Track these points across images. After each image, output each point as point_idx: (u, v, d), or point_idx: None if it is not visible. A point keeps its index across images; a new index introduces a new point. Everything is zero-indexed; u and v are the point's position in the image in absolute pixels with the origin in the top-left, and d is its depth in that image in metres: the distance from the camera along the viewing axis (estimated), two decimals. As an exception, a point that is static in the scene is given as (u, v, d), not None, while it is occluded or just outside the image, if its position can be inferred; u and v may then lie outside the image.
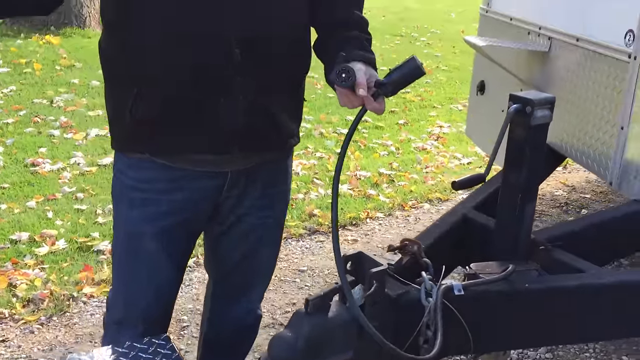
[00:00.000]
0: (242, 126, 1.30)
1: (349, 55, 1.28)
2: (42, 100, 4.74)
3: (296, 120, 1.45)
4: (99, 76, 5.50)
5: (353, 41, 1.34)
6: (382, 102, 1.25)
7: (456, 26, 9.77)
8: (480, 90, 2.95)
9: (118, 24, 1.28)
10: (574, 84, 2.14)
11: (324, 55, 1.39)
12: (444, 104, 5.57)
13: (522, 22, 2.52)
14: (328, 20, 1.40)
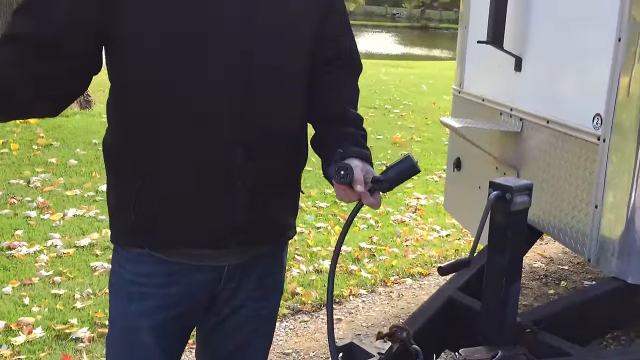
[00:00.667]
0: (242, 222, 1.32)
1: (346, 152, 1.34)
2: (19, 181, 4.71)
3: (293, 214, 1.48)
4: (76, 155, 5.52)
5: (349, 138, 1.40)
6: (378, 197, 1.31)
7: (428, 98, 10.09)
8: (456, 167, 3.03)
9: (122, 125, 1.32)
10: (548, 164, 2.22)
11: (321, 150, 1.44)
12: (420, 176, 5.67)
13: (493, 103, 2.63)
14: (325, 117, 1.45)
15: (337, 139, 1.40)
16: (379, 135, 7.18)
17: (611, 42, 1.83)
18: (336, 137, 1.40)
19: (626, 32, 1.78)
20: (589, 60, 2.01)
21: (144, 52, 1.24)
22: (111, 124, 1.35)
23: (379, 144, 6.78)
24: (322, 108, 1.45)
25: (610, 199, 1.90)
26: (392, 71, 14.83)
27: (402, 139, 7.04)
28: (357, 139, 1.41)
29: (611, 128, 1.86)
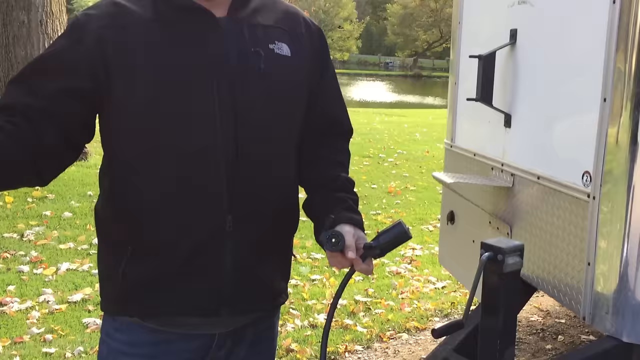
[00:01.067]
0: (232, 289, 1.32)
1: (338, 218, 1.34)
2: (13, 235, 4.69)
3: (285, 278, 1.48)
4: (71, 207, 5.52)
5: (341, 203, 1.41)
6: (370, 263, 1.31)
7: (421, 146, 10.18)
8: (450, 220, 3.04)
9: (114, 192, 1.33)
10: (540, 219, 2.23)
11: (312, 215, 1.44)
12: (415, 225, 5.68)
13: (485, 157, 2.66)
14: (316, 182, 1.46)
15: (328, 204, 1.41)
16: (373, 185, 7.21)
17: (597, 102, 1.87)
18: (327, 202, 1.41)
19: (611, 93, 1.82)
20: (576, 118, 2.05)
21: (135, 116, 1.25)
22: (103, 189, 1.36)
23: (373, 193, 6.81)
24: (313, 173, 1.47)
25: (602, 256, 1.91)
26: (386, 119, 15.02)
27: (397, 188, 7.07)
28: (349, 204, 1.42)
29: (600, 186, 1.88)
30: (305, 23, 1.45)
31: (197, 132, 1.26)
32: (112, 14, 1.26)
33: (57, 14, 7.36)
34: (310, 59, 1.41)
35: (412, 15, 60.63)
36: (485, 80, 2.41)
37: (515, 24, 2.38)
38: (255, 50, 1.30)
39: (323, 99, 1.47)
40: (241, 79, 1.28)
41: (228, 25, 1.30)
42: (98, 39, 1.23)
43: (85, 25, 1.25)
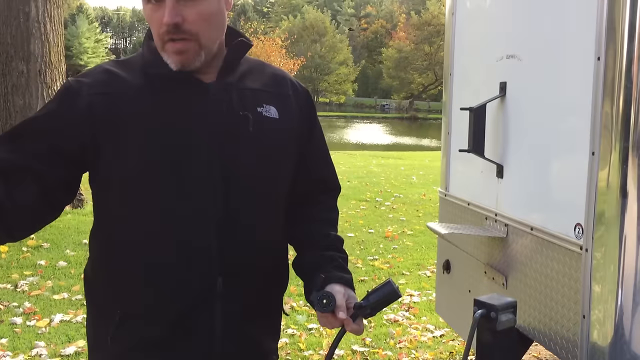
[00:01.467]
0: (221, 351, 1.31)
1: (328, 277, 1.36)
2: (7, 285, 4.66)
3: (275, 338, 1.47)
4: (65, 256, 5.49)
5: (331, 262, 1.42)
6: (361, 323, 1.32)
7: (418, 189, 10.21)
8: (446, 269, 3.03)
9: (103, 256, 1.33)
10: (534, 270, 2.23)
11: (302, 273, 1.45)
12: (412, 271, 5.65)
13: (478, 207, 2.67)
14: (306, 241, 1.48)
15: (318, 262, 1.42)
16: (370, 229, 7.20)
17: (585, 155, 1.89)
18: (317, 261, 1.43)
19: (599, 146, 1.84)
20: (565, 171, 2.07)
21: (125, 181, 1.27)
22: (93, 252, 1.37)
23: (370, 238, 6.79)
24: (302, 232, 1.49)
25: (597, 308, 1.90)
26: (382, 162, 15.10)
27: (394, 233, 7.06)
28: (339, 263, 1.43)
29: (592, 238, 1.88)
30: (293, 85, 1.48)
31: (186, 195, 1.27)
32: (104, 81, 1.29)
33: (55, 63, 7.48)
34: (297, 120, 1.45)
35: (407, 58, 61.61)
36: (476, 132, 2.44)
37: (505, 77, 2.43)
38: (244, 114, 1.33)
39: (311, 158, 1.51)
40: (230, 141, 1.31)
41: (217, 90, 1.32)
42: (88, 105, 1.25)
43: (76, 91, 1.27)
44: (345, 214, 7.97)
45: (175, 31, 1.24)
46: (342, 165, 13.95)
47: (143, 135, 1.26)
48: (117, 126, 1.26)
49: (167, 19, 1.22)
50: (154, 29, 1.27)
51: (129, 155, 1.26)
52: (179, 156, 1.27)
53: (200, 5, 1.25)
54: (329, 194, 1.58)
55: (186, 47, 1.26)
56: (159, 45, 1.28)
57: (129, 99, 1.28)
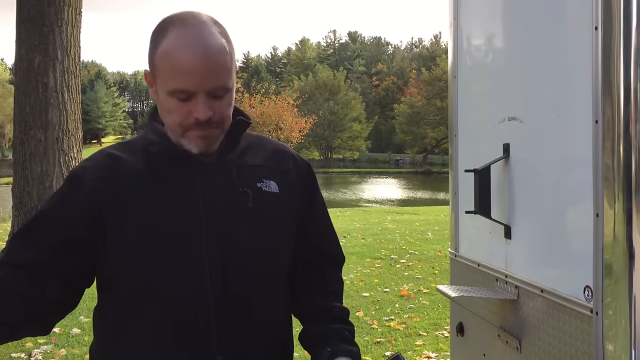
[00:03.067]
0: None
1: (335, 350, 1.37)
2: (21, 354, 4.65)
3: None
4: (79, 323, 5.48)
5: (337, 334, 1.43)
6: None
7: (434, 246, 10.12)
8: (459, 332, 2.98)
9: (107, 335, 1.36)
10: (547, 333, 2.19)
11: (308, 346, 1.46)
12: (430, 331, 5.55)
13: (489, 268, 2.65)
14: (311, 314, 1.49)
15: (324, 335, 1.43)
16: (385, 288, 7.12)
17: (590, 217, 1.89)
18: (323, 334, 1.43)
19: (602, 209, 1.84)
20: (571, 233, 2.06)
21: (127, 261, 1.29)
22: (97, 332, 1.38)
23: (386, 298, 6.71)
24: (307, 305, 1.50)
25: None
26: (397, 218, 15.05)
27: (410, 291, 6.97)
28: (345, 335, 1.44)
29: (602, 301, 1.86)
30: (294, 159, 1.52)
31: (185, 275, 1.29)
32: (107, 166, 1.33)
33: (73, 131, 7.67)
34: (298, 194, 1.47)
35: (419, 113, 62.29)
36: (482, 193, 2.45)
37: (508, 139, 2.45)
38: (244, 190, 1.36)
39: (314, 231, 1.52)
40: (229, 218, 1.33)
41: (217, 169, 1.36)
42: (93, 189, 1.29)
43: (81, 177, 1.32)
44: (360, 273, 7.91)
45: (206, 123, 1.28)
46: (356, 222, 13.93)
47: (144, 217, 1.29)
48: (120, 208, 1.29)
49: (202, 116, 1.26)
50: (176, 119, 1.29)
51: (130, 237, 1.28)
52: (177, 237, 1.30)
53: (225, 98, 1.31)
54: (334, 266, 1.59)
55: (212, 134, 1.31)
56: (178, 132, 1.31)
57: (131, 181, 1.31)
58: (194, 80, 1.24)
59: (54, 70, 7.47)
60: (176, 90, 1.26)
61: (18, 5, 7.47)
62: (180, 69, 1.24)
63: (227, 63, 1.29)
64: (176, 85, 1.25)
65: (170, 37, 1.26)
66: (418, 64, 78.40)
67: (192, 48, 1.24)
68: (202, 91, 1.25)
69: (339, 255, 1.60)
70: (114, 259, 1.30)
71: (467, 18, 2.94)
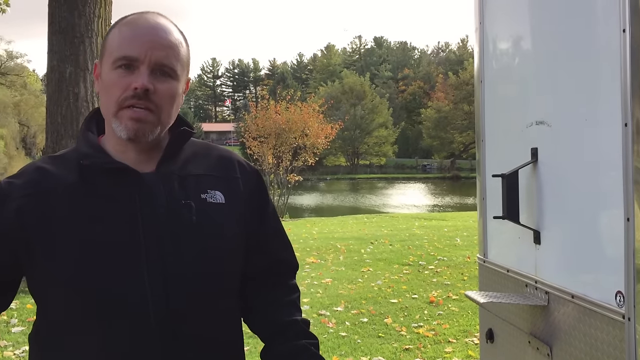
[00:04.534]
0: None
1: None
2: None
3: None
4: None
5: (303, 351, 1.39)
6: None
7: (462, 252, 10.02)
8: (489, 339, 2.96)
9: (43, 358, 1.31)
10: (578, 339, 2.16)
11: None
12: (459, 338, 5.49)
13: (518, 274, 2.62)
14: (272, 329, 1.43)
15: (290, 354, 1.38)
16: (414, 295, 7.08)
17: (620, 221, 1.86)
18: (289, 352, 1.39)
19: (633, 212, 1.81)
20: (602, 237, 2.03)
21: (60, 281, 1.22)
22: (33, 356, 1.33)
23: (414, 304, 6.67)
24: (267, 320, 1.44)
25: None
26: (425, 224, 14.95)
27: (438, 298, 6.91)
28: (312, 352, 1.39)
29: (634, 307, 1.83)
30: (240, 166, 1.45)
31: (123, 296, 1.22)
32: (35, 181, 1.26)
33: (103, 140, 7.82)
34: (246, 202, 1.40)
35: (446, 118, 61.85)
36: (509, 198, 2.43)
37: (535, 143, 2.43)
38: (186, 202, 1.29)
39: (265, 240, 1.46)
40: (171, 234, 1.27)
41: (156, 181, 1.29)
42: (17, 209, 1.23)
43: (7, 194, 1.25)
44: (388, 279, 7.88)
45: (143, 97, 1.23)
46: (384, 228, 13.88)
47: (74, 234, 1.22)
48: (47, 226, 1.22)
49: (141, 83, 1.22)
50: (114, 93, 1.25)
51: (61, 256, 1.22)
52: (114, 253, 1.23)
53: (170, 84, 1.27)
54: (288, 274, 1.52)
55: (146, 117, 1.25)
56: (112, 112, 1.26)
57: (58, 196, 1.24)
58: (139, 47, 1.24)
59: (84, 80, 7.62)
60: (121, 57, 1.25)
61: (50, 17, 7.65)
62: (127, 37, 1.26)
63: (179, 48, 1.28)
64: (122, 52, 1.25)
65: (119, 22, 1.32)
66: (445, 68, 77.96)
67: (139, 20, 1.29)
68: (147, 62, 1.24)
69: (294, 264, 1.53)
70: (43, 282, 1.24)
71: (493, 22, 2.92)
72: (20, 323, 5.64)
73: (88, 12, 7.60)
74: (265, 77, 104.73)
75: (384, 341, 5.34)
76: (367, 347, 5.17)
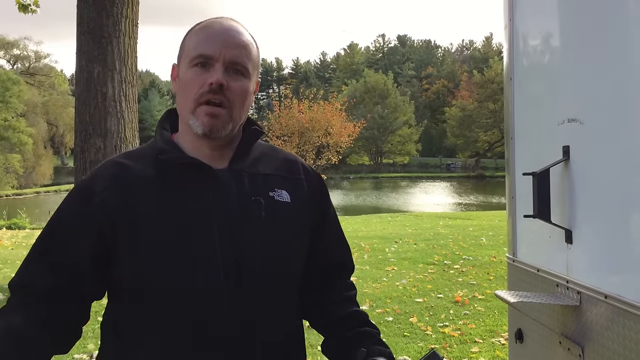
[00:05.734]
0: None
1: (371, 351, 1.37)
2: (83, 355, 4.79)
3: None
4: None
5: (369, 337, 1.44)
6: None
7: (488, 251, 9.93)
8: (518, 339, 2.92)
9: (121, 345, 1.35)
10: (611, 340, 2.12)
11: (337, 353, 1.46)
12: (485, 338, 5.45)
13: (548, 274, 2.58)
14: (335, 321, 1.49)
15: (356, 339, 1.43)
16: (439, 294, 7.03)
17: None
18: (354, 337, 1.44)
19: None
20: (637, 237, 1.99)
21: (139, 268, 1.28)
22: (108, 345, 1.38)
23: (440, 304, 6.63)
24: (329, 314, 1.50)
25: (683, 383, 1.78)
26: (450, 223, 14.85)
27: (464, 297, 6.86)
28: (377, 338, 1.45)
29: (671, 308, 1.79)
30: (304, 169, 1.53)
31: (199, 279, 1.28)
32: (115, 175, 1.33)
33: (130, 139, 7.90)
34: (310, 202, 1.48)
35: (471, 116, 61.34)
36: (540, 197, 2.40)
37: (567, 141, 2.39)
38: (256, 199, 1.36)
39: (326, 241, 1.53)
40: (242, 226, 1.33)
41: (229, 177, 1.36)
42: (102, 200, 1.29)
43: (90, 188, 1.32)
44: (413, 279, 7.84)
45: (218, 91, 1.31)
46: (408, 228, 13.82)
47: (155, 225, 1.28)
48: (130, 218, 1.29)
49: (216, 78, 1.31)
50: (192, 90, 1.33)
51: (143, 247, 1.28)
52: (190, 240, 1.29)
53: (242, 81, 1.35)
54: (346, 274, 1.60)
55: (220, 113, 1.33)
56: (190, 109, 1.34)
57: (139, 188, 1.31)
58: (215, 46, 1.33)
59: (112, 80, 7.71)
60: (198, 56, 1.34)
61: (78, 18, 7.76)
62: (204, 37, 1.35)
63: (250, 48, 1.38)
64: (198, 51, 1.34)
65: (198, 24, 1.41)
66: (469, 66, 77.32)
67: (216, 23, 1.38)
68: (221, 60, 1.32)
69: (352, 265, 1.61)
70: (127, 269, 1.30)
71: (523, 18, 2.89)
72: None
73: (116, 13, 7.68)
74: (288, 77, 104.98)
75: (409, 340, 5.32)
76: (392, 346, 5.15)
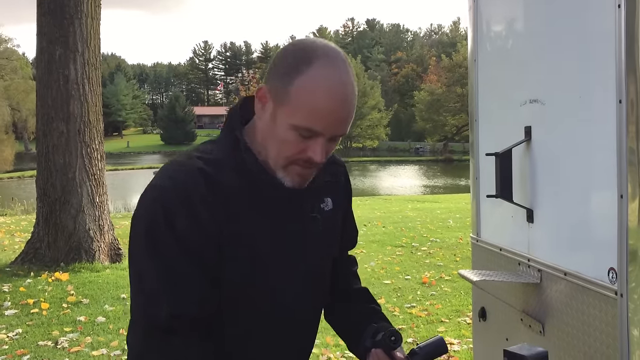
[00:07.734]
0: None
1: (380, 327, 1.45)
2: (47, 342, 4.73)
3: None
4: (104, 311, 5.56)
5: (377, 314, 1.56)
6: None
7: (455, 233, 10.08)
8: (481, 317, 2.97)
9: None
10: (571, 317, 2.17)
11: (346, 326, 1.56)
12: (452, 318, 5.54)
13: (511, 252, 2.63)
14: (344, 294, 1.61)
15: (366, 314, 1.54)
16: (407, 276, 7.12)
17: (614, 198, 1.86)
18: (365, 313, 1.55)
19: (626, 189, 1.81)
20: (595, 214, 2.03)
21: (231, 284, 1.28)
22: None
23: (407, 285, 6.71)
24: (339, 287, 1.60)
25: (635, 354, 1.84)
26: (418, 206, 15.00)
27: (431, 279, 6.96)
28: (382, 315, 1.56)
29: (627, 284, 1.84)
30: (345, 173, 1.58)
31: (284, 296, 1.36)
32: (207, 185, 1.25)
33: (94, 122, 7.74)
34: (342, 204, 1.54)
35: (439, 101, 61.77)
36: (503, 177, 2.43)
37: (529, 122, 2.42)
38: (314, 216, 1.40)
39: (346, 225, 1.59)
40: (307, 245, 1.39)
41: (300, 195, 1.35)
42: (206, 208, 1.23)
43: (189, 197, 1.22)
44: (381, 261, 7.91)
45: (315, 166, 1.28)
46: (377, 211, 13.91)
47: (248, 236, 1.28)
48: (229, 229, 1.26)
49: (319, 158, 1.25)
50: (287, 149, 1.26)
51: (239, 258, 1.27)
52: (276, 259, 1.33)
53: (337, 141, 1.31)
54: (351, 249, 1.70)
55: (311, 173, 1.32)
56: (280, 163, 1.27)
57: (229, 201, 1.26)
58: (326, 125, 1.22)
59: (74, 62, 7.53)
60: (304, 128, 1.22)
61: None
62: (318, 110, 1.21)
63: (354, 111, 1.28)
64: (307, 124, 1.22)
65: (314, 72, 1.21)
66: (438, 51, 77.76)
67: (335, 94, 1.21)
68: (328, 135, 1.24)
69: (356, 240, 1.70)
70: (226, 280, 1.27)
71: (487, 2, 2.90)
72: (14, 306, 5.63)
73: (77, -7, 7.49)
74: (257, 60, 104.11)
75: (377, 322, 5.37)
76: (360, 327, 5.20)
